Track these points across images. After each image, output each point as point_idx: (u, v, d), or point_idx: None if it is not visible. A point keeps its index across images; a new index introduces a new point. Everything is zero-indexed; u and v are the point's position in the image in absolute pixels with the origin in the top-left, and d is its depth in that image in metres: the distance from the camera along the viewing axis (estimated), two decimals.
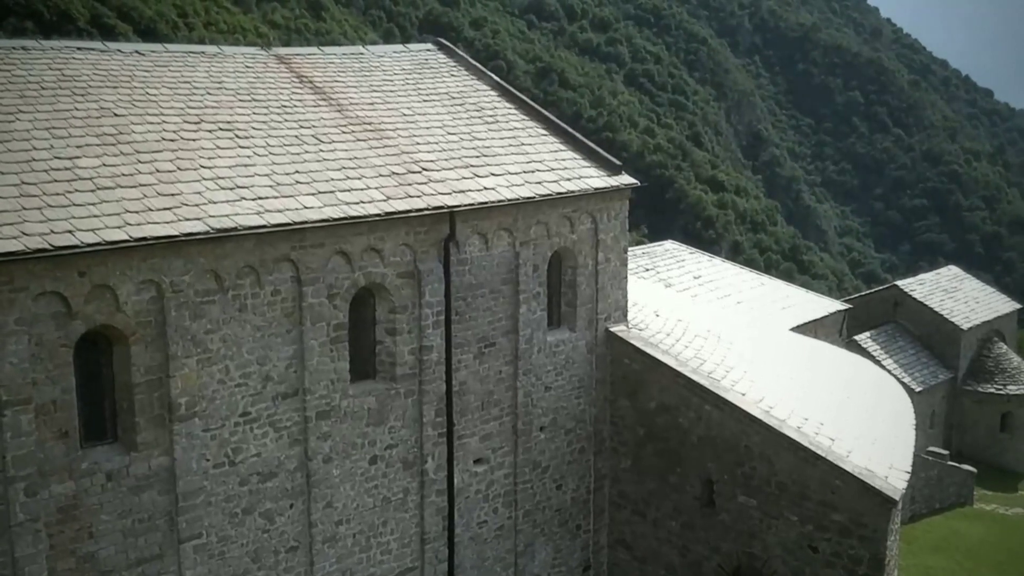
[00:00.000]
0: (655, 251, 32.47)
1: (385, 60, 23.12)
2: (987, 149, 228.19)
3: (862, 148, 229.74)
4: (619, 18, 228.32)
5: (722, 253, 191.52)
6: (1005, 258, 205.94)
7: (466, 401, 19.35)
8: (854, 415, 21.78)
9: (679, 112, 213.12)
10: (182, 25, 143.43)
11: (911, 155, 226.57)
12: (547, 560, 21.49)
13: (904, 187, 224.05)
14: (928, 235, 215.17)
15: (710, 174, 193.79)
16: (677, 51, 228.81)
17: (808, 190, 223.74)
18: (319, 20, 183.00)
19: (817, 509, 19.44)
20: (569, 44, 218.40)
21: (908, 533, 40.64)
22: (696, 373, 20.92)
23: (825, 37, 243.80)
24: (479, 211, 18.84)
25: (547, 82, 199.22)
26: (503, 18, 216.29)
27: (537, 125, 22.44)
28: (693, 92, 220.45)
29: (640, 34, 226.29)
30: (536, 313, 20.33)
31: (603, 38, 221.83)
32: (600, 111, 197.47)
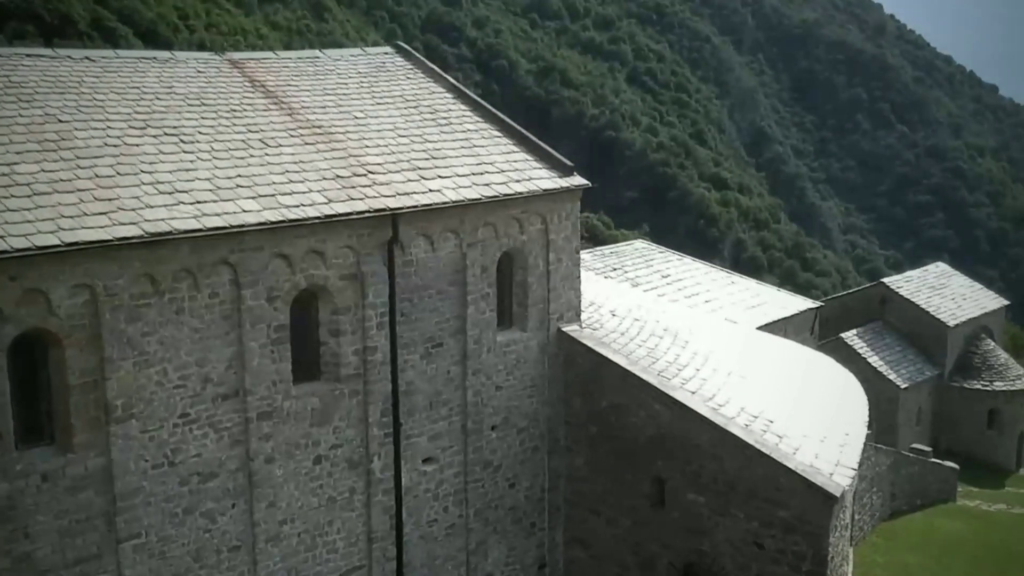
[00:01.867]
0: (624, 250, 32.65)
1: (341, 64, 23.35)
2: (992, 145, 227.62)
3: (866, 145, 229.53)
4: (622, 16, 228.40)
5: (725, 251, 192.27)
6: (1011, 254, 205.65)
7: (414, 401, 19.55)
8: (807, 412, 21.93)
9: (682, 110, 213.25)
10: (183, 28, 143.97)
11: (915, 151, 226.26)
12: (501, 558, 21.69)
13: (908, 184, 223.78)
14: (933, 231, 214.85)
15: (713, 172, 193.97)
16: (680, 49, 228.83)
17: (812, 187, 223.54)
18: (321, 21, 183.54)
19: (763, 506, 19.62)
20: (572, 43, 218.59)
21: (888, 529, 40.84)
22: (646, 372, 21.10)
23: (828, 34, 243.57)
24: (424, 213, 19.05)
25: (549, 81, 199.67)
26: (506, 17, 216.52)
27: (491, 127, 22.65)
28: (696, 90, 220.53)
29: (643, 32, 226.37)
30: (485, 313, 20.52)
31: (606, 36, 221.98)
32: (603, 110, 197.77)
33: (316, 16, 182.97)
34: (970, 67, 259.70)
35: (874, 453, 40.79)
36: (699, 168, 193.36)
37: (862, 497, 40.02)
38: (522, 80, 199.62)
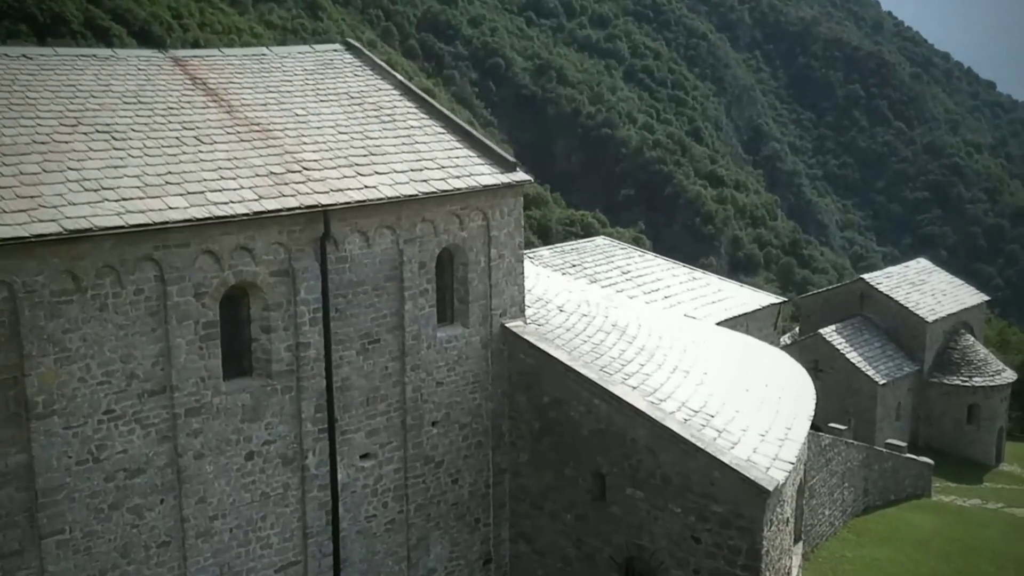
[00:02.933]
0: (585, 247, 32.69)
1: (287, 61, 23.40)
2: (989, 141, 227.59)
3: (863, 142, 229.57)
4: (618, 14, 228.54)
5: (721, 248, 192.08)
6: (1007, 250, 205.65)
7: (349, 397, 19.59)
8: (752, 407, 21.96)
9: (679, 108, 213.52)
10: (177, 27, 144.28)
11: (912, 148, 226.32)
12: (444, 554, 21.74)
13: (906, 180, 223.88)
14: (930, 228, 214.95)
15: (709, 169, 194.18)
16: (677, 46, 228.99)
17: (809, 184, 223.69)
18: (316, 20, 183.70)
19: (699, 501, 19.67)
20: (568, 41, 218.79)
21: (859, 525, 40.89)
22: (586, 367, 21.15)
23: (825, 31, 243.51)
24: (358, 209, 19.09)
25: (545, 79, 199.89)
26: (502, 15, 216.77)
27: (435, 124, 22.70)
28: (693, 87, 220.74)
29: (639, 30, 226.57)
30: (424, 309, 20.57)
31: (602, 34, 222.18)
32: (599, 107, 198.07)
33: (311, 15, 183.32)
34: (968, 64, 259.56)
35: (845, 448, 40.85)
36: (695, 165, 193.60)
37: (833, 492, 40.14)
38: (518, 78, 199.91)
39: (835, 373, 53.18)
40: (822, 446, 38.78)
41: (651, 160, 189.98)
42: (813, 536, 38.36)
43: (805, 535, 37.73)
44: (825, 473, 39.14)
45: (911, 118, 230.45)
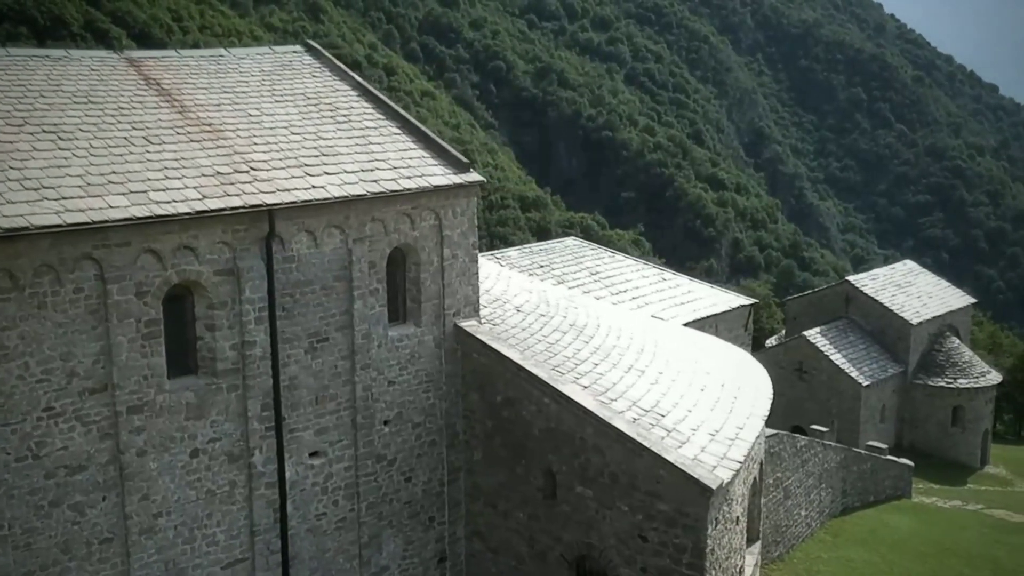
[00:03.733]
0: (554, 248, 32.81)
1: (245, 62, 23.54)
2: (991, 144, 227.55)
3: (865, 144, 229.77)
4: (620, 17, 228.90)
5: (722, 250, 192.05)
6: (1009, 253, 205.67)
7: (298, 395, 19.71)
8: (706, 406, 22.04)
9: (680, 110, 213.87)
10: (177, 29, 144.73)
11: (914, 151, 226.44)
12: (397, 552, 21.85)
13: (907, 183, 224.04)
14: (932, 230, 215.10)
15: (710, 172, 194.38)
16: (678, 49, 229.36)
17: (811, 187, 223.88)
18: (317, 23, 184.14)
19: (645, 499, 19.76)
20: (570, 44, 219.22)
21: (836, 526, 40.98)
22: (537, 367, 21.26)
23: (827, 33, 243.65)
24: (305, 209, 19.22)
25: (546, 82, 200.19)
26: (503, 18, 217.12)
27: (391, 124, 22.81)
28: (694, 90, 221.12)
29: (641, 33, 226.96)
30: (375, 309, 20.69)
31: (604, 37, 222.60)
32: (599, 110, 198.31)
33: (312, 17, 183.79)
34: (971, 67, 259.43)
35: (822, 450, 40.93)
36: (696, 168, 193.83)
37: (809, 493, 40.22)
38: (519, 81, 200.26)
39: (819, 375, 53.28)
40: (798, 447, 38.89)
41: (652, 163, 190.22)
42: (789, 537, 38.48)
43: (780, 536, 37.88)
44: (801, 474, 39.23)
45: (913, 121, 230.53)
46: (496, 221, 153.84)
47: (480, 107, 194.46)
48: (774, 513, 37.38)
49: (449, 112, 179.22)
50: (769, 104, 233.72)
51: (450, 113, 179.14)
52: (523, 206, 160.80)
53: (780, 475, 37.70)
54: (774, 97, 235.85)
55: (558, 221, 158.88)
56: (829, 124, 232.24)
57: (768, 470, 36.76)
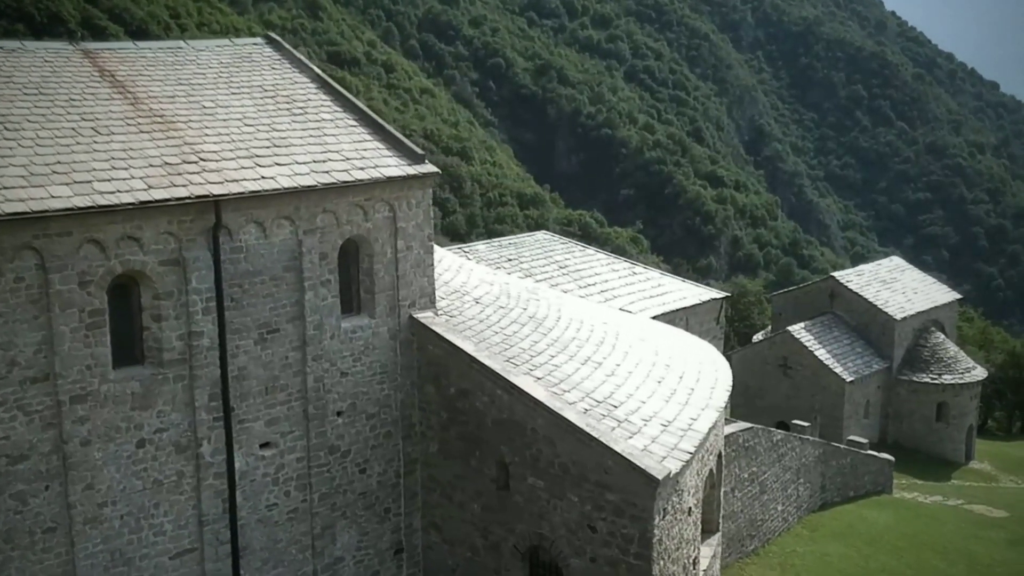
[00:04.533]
0: (524, 242, 32.85)
1: (204, 54, 23.59)
2: (991, 142, 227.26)
3: (865, 142, 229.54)
4: (620, 14, 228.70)
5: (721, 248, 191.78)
6: (1009, 251, 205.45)
7: (247, 386, 19.75)
8: (661, 397, 22.06)
9: (680, 108, 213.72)
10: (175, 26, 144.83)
11: (914, 148, 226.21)
12: (351, 543, 21.89)
13: (907, 181, 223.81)
14: (932, 228, 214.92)
15: (709, 170, 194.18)
16: (678, 47, 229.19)
17: (811, 185, 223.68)
18: (316, 20, 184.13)
19: (594, 490, 19.78)
20: (569, 41, 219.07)
21: (814, 521, 40.99)
22: (490, 358, 21.29)
23: (828, 31, 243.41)
24: (253, 200, 19.25)
25: (546, 79, 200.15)
26: (503, 16, 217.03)
27: (348, 116, 22.85)
28: (694, 88, 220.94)
29: (641, 30, 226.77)
30: (327, 300, 20.73)
31: (604, 35, 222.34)
32: (599, 108, 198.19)
33: (311, 15, 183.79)
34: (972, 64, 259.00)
35: (799, 444, 40.93)
36: (695, 166, 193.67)
37: (786, 488, 40.24)
38: (518, 78, 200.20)
39: (803, 370, 53.28)
40: (774, 441, 38.89)
41: (651, 160, 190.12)
42: (764, 531, 38.50)
43: (755, 530, 37.89)
44: (778, 468, 39.23)
45: (913, 118, 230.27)
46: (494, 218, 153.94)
47: (479, 104, 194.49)
48: (749, 507, 37.42)
49: (448, 110, 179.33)
50: (769, 101, 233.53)
51: (449, 111, 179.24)
52: (521, 203, 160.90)
53: (755, 469, 37.70)
54: (774, 95, 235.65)
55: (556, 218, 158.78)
56: (829, 122, 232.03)
57: (743, 464, 36.82)
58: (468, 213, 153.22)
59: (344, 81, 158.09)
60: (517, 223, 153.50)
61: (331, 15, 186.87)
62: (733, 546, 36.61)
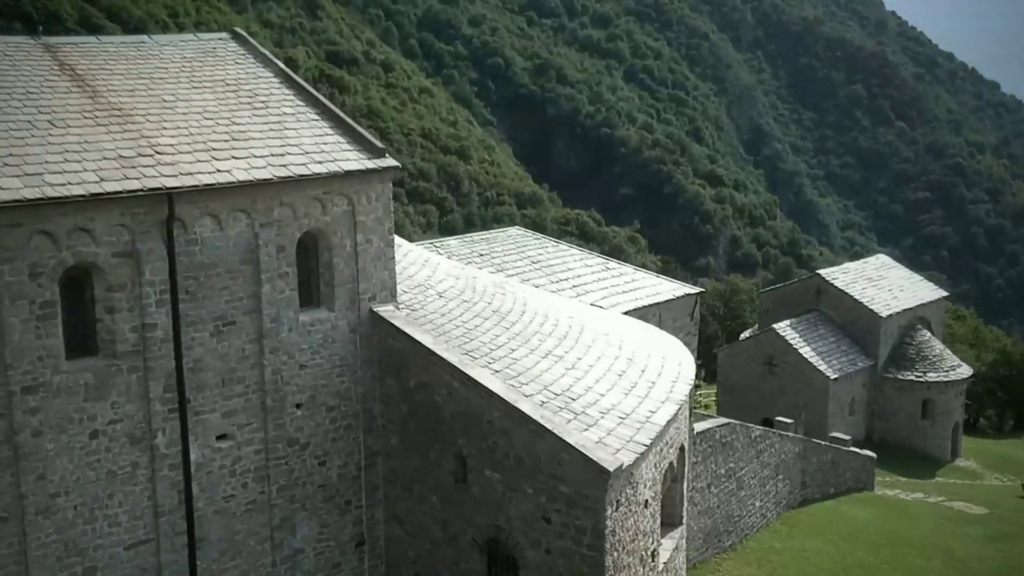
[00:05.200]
0: (496, 237, 32.95)
1: (167, 49, 23.68)
2: (992, 142, 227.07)
3: (865, 142, 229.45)
4: (620, 14, 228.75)
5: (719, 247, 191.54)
6: (1009, 251, 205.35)
7: (203, 378, 19.84)
8: (621, 391, 22.14)
9: (679, 107, 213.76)
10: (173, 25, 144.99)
11: (914, 148, 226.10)
12: (311, 535, 21.97)
13: (907, 180, 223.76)
14: (931, 228, 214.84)
15: (708, 169, 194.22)
16: (678, 46, 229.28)
17: (810, 184, 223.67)
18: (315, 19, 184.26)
19: (548, 481, 19.87)
20: (569, 40, 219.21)
21: (794, 517, 41.09)
22: (448, 351, 21.38)
23: (828, 31, 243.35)
24: (208, 193, 19.35)
25: (545, 79, 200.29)
26: (502, 15, 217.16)
27: (310, 111, 22.94)
28: (694, 87, 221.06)
29: (641, 30, 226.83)
30: (284, 292, 20.81)
31: (603, 34, 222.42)
32: (598, 107, 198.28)
33: (310, 14, 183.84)
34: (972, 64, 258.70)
35: (779, 440, 41.01)
36: (694, 165, 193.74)
37: (765, 484, 40.31)
38: (517, 78, 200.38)
39: (788, 368, 53.35)
40: (752, 437, 38.99)
41: (650, 160, 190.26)
42: (742, 527, 38.59)
43: (733, 526, 37.97)
44: (756, 464, 39.30)
45: (913, 118, 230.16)
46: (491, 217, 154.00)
47: (479, 104, 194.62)
48: (726, 503, 37.50)
49: (447, 109, 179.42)
50: (769, 101, 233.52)
51: (448, 110, 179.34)
52: (519, 202, 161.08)
53: (733, 465, 37.79)
54: (774, 94, 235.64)
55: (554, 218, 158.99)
56: (829, 121, 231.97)
57: (720, 460, 36.89)
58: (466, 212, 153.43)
59: (342, 80, 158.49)
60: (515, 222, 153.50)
61: (330, 14, 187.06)
62: (710, 541, 36.71)
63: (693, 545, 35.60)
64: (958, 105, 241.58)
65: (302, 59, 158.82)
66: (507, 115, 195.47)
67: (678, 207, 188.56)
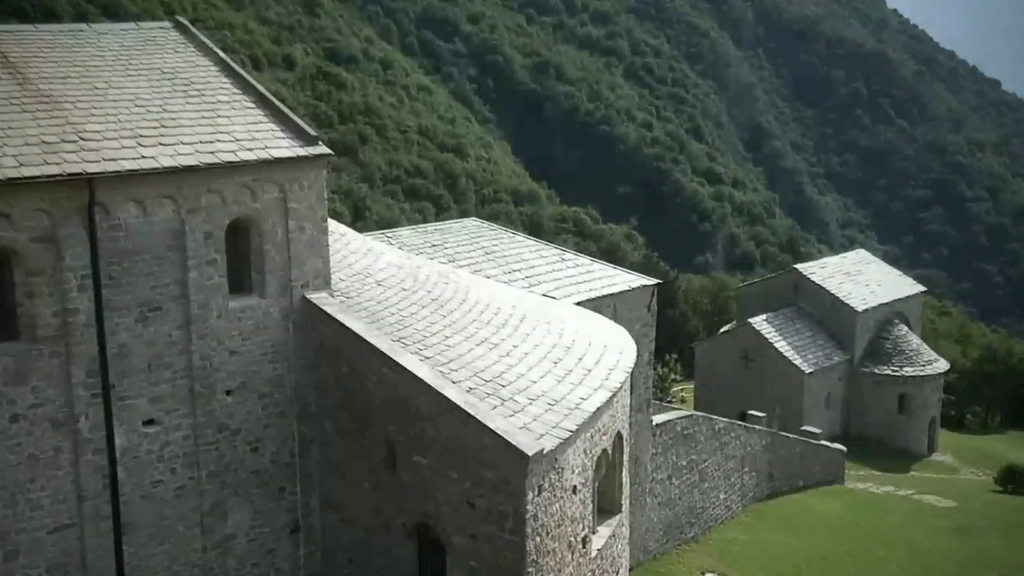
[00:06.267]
0: (451, 228, 33.02)
1: (105, 37, 23.76)
2: (992, 139, 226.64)
3: (865, 140, 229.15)
4: (620, 11, 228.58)
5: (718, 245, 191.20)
6: (1009, 249, 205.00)
7: (129, 363, 19.91)
8: (554, 378, 22.18)
9: (679, 105, 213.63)
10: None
11: (915, 146, 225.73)
12: (244, 521, 22.04)
13: (907, 178, 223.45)
14: (932, 226, 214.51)
15: (707, 167, 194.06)
16: (678, 44, 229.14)
17: (810, 182, 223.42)
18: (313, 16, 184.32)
19: (472, 467, 19.93)
20: (568, 38, 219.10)
21: (759, 510, 41.17)
22: (378, 338, 21.45)
23: (828, 29, 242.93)
24: (132, 178, 19.41)
25: (544, 76, 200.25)
26: (502, 12, 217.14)
27: (246, 99, 23.00)
28: (694, 85, 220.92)
29: (641, 27, 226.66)
30: (213, 279, 20.87)
31: (603, 32, 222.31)
32: (597, 105, 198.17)
33: (308, 11, 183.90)
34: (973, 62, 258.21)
35: (744, 433, 41.07)
36: (693, 163, 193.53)
37: (729, 476, 40.37)
38: (517, 75, 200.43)
39: (764, 362, 53.40)
40: (715, 430, 39.04)
41: (649, 157, 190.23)
42: (705, 519, 38.67)
43: (695, 518, 38.01)
44: (720, 456, 39.36)
45: (914, 116, 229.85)
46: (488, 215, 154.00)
47: (478, 101, 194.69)
48: (688, 495, 37.57)
49: (445, 106, 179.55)
50: (769, 99, 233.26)
51: (446, 107, 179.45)
52: (515, 200, 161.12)
53: (695, 457, 37.84)
54: (774, 92, 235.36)
55: (550, 215, 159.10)
56: (829, 119, 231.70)
57: (681, 452, 36.93)
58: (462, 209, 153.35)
59: (339, 78, 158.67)
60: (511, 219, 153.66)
61: (328, 11, 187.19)
62: (671, 533, 36.79)
63: (653, 536, 35.70)
64: (959, 103, 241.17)
65: (300, 56, 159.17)
66: (506, 113, 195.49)
67: (676, 205, 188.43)
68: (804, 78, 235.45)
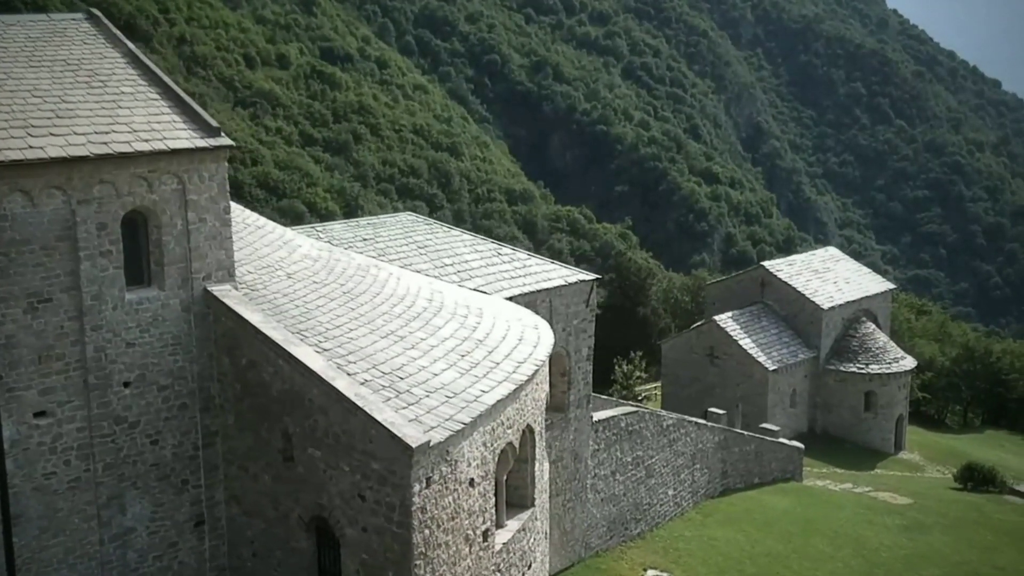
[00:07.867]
0: (384, 222, 32.89)
1: (12, 29, 23.69)
2: (991, 140, 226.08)
3: (864, 140, 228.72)
4: (618, 11, 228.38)
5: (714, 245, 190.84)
6: (1008, 249, 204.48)
7: (17, 354, 19.83)
8: (458, 371, 22.07)
9: (677, 105, 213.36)
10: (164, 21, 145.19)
11: (913, 146, 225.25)
12: (144, 514, 21.95)
13: (906, 178, 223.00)
14: (930, 226, 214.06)
15: (704, 167, 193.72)
16: (677, 44, 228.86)
17: (809, 182, 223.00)
18: (310, 16, 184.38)
19: (362, 459, 19.85)
20: (567, 38, 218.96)
21: (711, 506, 40.99)
22: (275, 329, 21.37)
23: (828, 28, 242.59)
24: (17, 168, 19.33)
25: (542, 76, 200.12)
26: (500, 12, 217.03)
27: (151, 90, 22.91)
28: (692, 85, 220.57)
29: (639, 27, 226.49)
30: (108, 271, 20.78)
31: (601, 31, 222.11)
32: (594, 104, 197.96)
33: (305, 10, 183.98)
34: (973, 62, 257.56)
35: (695, 430, 40.88)
36: (690, 163, 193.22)
37: (679, 473, 40.21)
38: (514, 75, 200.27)
39: (729, 359, 53.21)
40: (664, 426, 38.88)
41: (646, 157, 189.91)
42: (652, 516, 38.50)
43: (641, 514, 37.84)
44: (668, 453, 39.20)
45: (913, 116, 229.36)
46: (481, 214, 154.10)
47: (475, 101, 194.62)
48: (633, 491, 37.43)
49: (442, 106, 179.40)
50: (768, 99, 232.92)
51: (442, 107, 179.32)
52: (510, 199, 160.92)
53: (641, 453, 37.70)
54: (773, 92, 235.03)
55: (545, 214, 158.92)
56: (828, 119, 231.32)
57: (626, 448, 36.79)
58: (456, 208, 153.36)
59: (334, 77, 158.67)
60: (505, 219, 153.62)
61: (325, 11, 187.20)
62: (615, 529, 36.64)
63: (596, 532, 35.57)
64: (958, 103, 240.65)
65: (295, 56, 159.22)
66: (503, 112, 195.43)
67: (673, 204, 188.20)
68: (803, 78, 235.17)
